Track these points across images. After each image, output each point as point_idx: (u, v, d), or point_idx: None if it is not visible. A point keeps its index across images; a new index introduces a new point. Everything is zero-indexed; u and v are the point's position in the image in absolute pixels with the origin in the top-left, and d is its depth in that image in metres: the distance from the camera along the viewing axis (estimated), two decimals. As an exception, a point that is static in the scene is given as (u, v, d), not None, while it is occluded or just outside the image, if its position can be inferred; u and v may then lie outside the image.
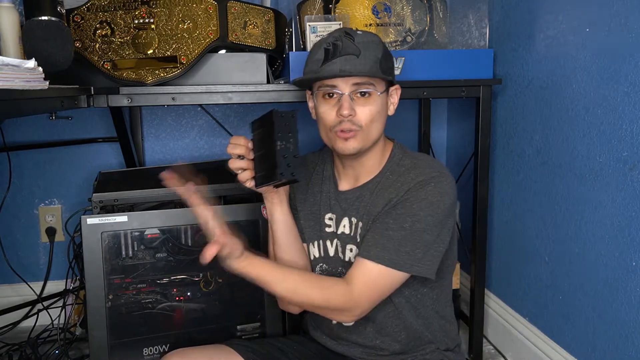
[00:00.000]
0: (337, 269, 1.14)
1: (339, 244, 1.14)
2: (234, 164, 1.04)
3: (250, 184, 1.05)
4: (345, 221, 1.13)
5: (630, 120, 1.12)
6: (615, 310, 1.19)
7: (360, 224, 1.10)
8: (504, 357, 1.66)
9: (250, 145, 1.04)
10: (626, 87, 1.13)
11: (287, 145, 0.97)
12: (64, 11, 1.18)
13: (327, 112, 1.04)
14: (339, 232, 1.14)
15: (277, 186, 1.06)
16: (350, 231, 1.12)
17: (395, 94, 1.10)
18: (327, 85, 1.03)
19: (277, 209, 1.12)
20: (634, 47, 1.11)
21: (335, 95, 1.03)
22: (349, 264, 1.11)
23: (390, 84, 1.08)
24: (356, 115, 1.02)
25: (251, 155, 1.04)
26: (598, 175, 1.23)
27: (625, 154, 1.14)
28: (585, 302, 1.29)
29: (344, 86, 1.01)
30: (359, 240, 1.10)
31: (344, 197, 1.13)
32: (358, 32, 1.03)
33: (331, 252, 1.15)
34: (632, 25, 1.11)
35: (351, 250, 1.12)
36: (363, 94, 1.02)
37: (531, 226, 1.50)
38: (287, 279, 1.04)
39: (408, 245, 1.01)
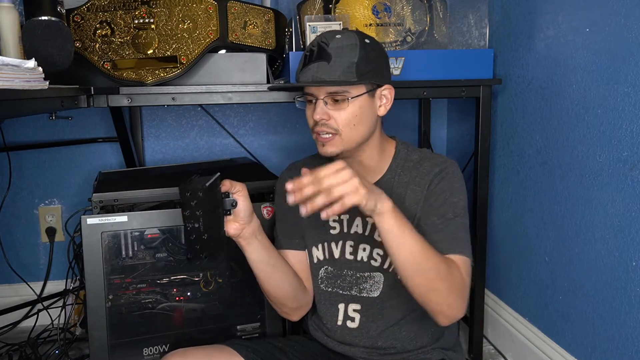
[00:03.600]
0: (343, 270, 1.15)
1: (349, 244, 1.14)
2: None
3: None
4: (357, 221, 1.13)
5: (630, 120, 1.12)
6: (615, 310, 1.19)
7: None
8: (504, 357, 1.66)
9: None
10: (626, 87, 1.13)
11: (194, 225, 0.91)
12: (64, 11, 1.18)
13: (308, 115, 1.08)
14: (352, 232, 1.14)
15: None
16: (364, 231, 1.13)
17: (388, 94, 1.09)
18: (306, 92, 1.06)
19: (247, 250, 1.08)
20: (634, 47, 1.11)
21: (313, 99, 1.05)
22: (361, 263, 1.13)
23: (377, 86, 1.07)
24: (331, 119, 1.03)
25: None
26: (598, 175, 1.23)
27: (625, 154, 1.14)
28: (585, 302, 1.29)
29: (317, 92, 1.04)
30: (377, 238, 1.11)
31: None
32: (337, 36, 1.03)
33: (336, 254, 1.15)
34: (632, 25, 1.11)
35: (364, 249, 1.13)
36: (336, 100, 1.03)
37: (531, 226, 1.50)
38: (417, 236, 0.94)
39: (459, 231, 1.05)
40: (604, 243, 1.22)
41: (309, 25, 1.43)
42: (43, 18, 1.11)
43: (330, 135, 1.04)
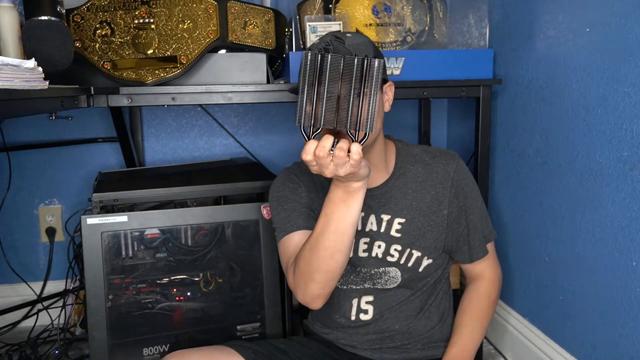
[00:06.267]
0: (357, 267, 1.15)
1: (363, 242, 1.15)
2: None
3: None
4: (372, 218, 1.14)
5: (630, 120, 1.12)
6: (615, 310, 1.19)
7: (399, 220, 1.13)
8: (504, 357, 1.66)
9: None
10: (626, 87, 1.13)
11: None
12: (64, 11, 1.18)
13: None
14: (367, 229, 1.15)
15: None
16: (379, 228, 1.14)
17: (390, 90, 1.11)
18: None
19: (357, 198, 0.96)
20: (634, 47, 1.11)
21: None
22: (375, 259, 1.14)
23: (383, 81, 1.09)
24: None
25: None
26: (598, 175, 1.23)
27: (625, 154, 1.14)
28: (585, 302, 1.29)
29: None
30: (394, 234, 1.13)
31: (370, 194, 1.14)
32: (347, 34, 1.05)
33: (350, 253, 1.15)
34: (632, 25, 1.11)
35: (379, 246, 1.14)
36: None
37: (531, 226, 1.50)
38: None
39: (485, 219, 1.22)
40: (604, 243, 1.22)
41: (309, 25, 1.43)
42: (43, 18, 1.11)
43: None
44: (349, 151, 0.86)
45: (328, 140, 0.86)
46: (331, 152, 0.86)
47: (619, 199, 1.16)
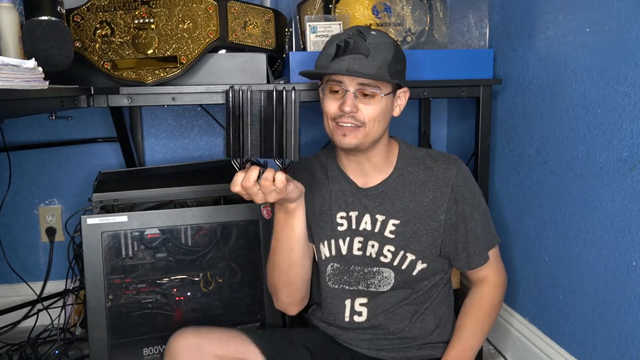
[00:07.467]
0: (350, 266, 1.15)
1: (357, 240, 1.15)
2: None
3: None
4: (366, 218, 1.14)
5: (630, 120, 1.12)
6: (615, 310, 1.19)
7: (394, 221, 1.13)
8: (504, 357, 1.66)
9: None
10: (626, 87, 1.13)
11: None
12: (64, 11, 1.18)
13: (331, 104, 1.07)
14: (361, 228, 1.15)
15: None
16: (373, 228, 1.14)
17: (404, 96, 1.12)
18: (334, 81, 1.05)
19: (296, 215, 1.08)
20: (634, 47, 1.11)
21: (340, 91, 1.05)
22: (369, 258, 1.14)
23: (398, 86, 1.09)
24: (359, 111, 1.04)
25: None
26: (598, 175, 1.23)
27: (625, 154, 1.14)
28: (585, 302, 1.29)
29: (349, 83, 1.03)
30: (388, 235, 1.13)
31: (366, 194, 1.14)
32: (372, 32, 1.05)
33: (344, 251, 1.16)
34: (632, 25, 1.11)
35: (373, 246, 1.14)
36: (365, 94, 1.04)
37: (531, 226, 1.50)
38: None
39: (487, 225, 1.20)
40: (604, 243, 1.22)
41: (309, 25, 1.43)
42: (43, 18, 1.11)
43: (353, 126, 1.04)
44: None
45: (254, 171, 0.95)
46: (258, 182, 0.94)
47: (619, 199, 1.17)
